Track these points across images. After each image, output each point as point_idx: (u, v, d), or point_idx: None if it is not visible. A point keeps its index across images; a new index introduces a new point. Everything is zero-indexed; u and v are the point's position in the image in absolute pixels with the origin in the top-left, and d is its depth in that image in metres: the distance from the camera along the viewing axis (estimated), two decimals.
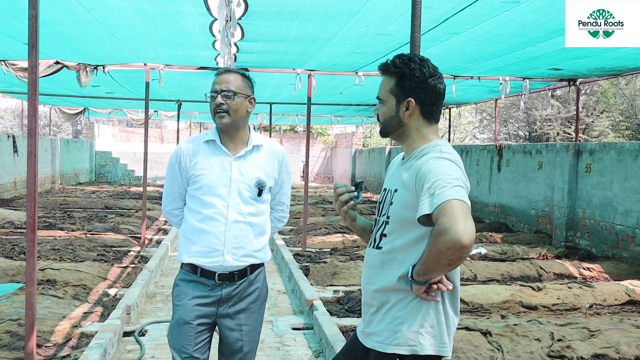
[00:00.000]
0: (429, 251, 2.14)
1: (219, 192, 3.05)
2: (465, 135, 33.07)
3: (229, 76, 3.09)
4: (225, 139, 3.13)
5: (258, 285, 3.18)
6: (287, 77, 10.66)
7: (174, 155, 3.17)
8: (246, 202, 3.09)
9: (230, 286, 3.08)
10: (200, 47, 7.75)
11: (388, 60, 2.41)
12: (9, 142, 17.03)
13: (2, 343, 5.08)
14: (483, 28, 6.51)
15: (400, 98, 2.37)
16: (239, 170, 3.09)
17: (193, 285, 3.08)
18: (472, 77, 10.41)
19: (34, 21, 4.10)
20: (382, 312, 2.42)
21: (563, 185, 10.65)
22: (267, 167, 3.16)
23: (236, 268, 3.08)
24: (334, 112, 20.20)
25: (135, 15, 6.13)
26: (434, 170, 2.21)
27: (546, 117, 24.63)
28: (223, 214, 3.04)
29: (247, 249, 3.10)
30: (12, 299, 6.17)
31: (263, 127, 23.89)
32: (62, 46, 7.96)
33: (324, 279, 7.82)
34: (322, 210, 15.50)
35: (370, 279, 2.48)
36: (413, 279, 2.27)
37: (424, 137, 2.41)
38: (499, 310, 6.40)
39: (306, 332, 6.11)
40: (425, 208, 2.14)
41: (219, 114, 3.04)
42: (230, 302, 3.09)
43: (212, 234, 3.04)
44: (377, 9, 5.78)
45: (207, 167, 3.07)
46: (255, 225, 3.12)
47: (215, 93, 3.06)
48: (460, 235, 2.01)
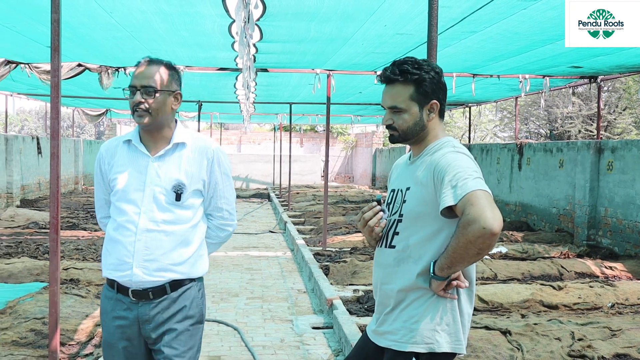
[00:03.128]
0: (456, 242, 2.17)
1: (132, 198, 2.72)
2: (485, 133, 32.86)
3: (150, 69, 2.70)
4: (145, 138, 2.78)
5: (185, 303, 2.76)
6: (306, 77, 10.69)
7: (96, 158, 2.89)
8: (162, 209, 2.72)
9: (147, 305, 2.71)
10: (219, 48, 7.82)
11: (394, 70, 2.38)
12: (33, 144, 17.28)
13: (27, 341, 5.18)
14: (501, 26, 6.49)
15: (423, 102, 2.39)
16: (156, 172, 2.73)
17: (112, 303, 2.76)
18: (492, 75, 10.36)
19: (56, 25, 4.17)
20: (397, 310, 2.42)
21: (584, 183, 10.55)
22: (190, 168, 2.77)
23: (150, 284, 2.70)
24: (353, 112, 20.19)
25: (155, 17, 6.21)
26: (453, 164, 2.25)
27: (567, 115, 24.38)
28: (134, 222, 2.70)
29: (162, 261, 2.71)
30: (37, 297, 6.28)
31: (283, 127, 23.94)
32: (84, 49, 8.07)
33: (343, 278, 7.84)
34: (342, 210, 15.53)
35: (385, 278, 2.48)
36: (435, 275, 2.30)
37: (437, 135, 2.47)
38: (519, 310, 6.37)
39: (326, 331, 6.14)
40: (449, 199, 2.18)
41: (138, 112, 2.68)
42: (151, 324, 2.72)
43: (122, 244, 2.70)
44: (394, 8, 5.79)
45: (123, 170, 2.76)
46: (172, 235, 2.73)
47: (133, 88, 2.69)
48: (491, 223, 2.06)
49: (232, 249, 10.96)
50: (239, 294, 7.65)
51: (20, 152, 16.10)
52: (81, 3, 5.56)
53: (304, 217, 14.61)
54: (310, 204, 17.44)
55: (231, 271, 9.03)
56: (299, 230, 12.26)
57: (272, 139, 29.05)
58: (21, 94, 15.20)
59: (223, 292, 7.71)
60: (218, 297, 7.45)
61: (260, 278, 8.61)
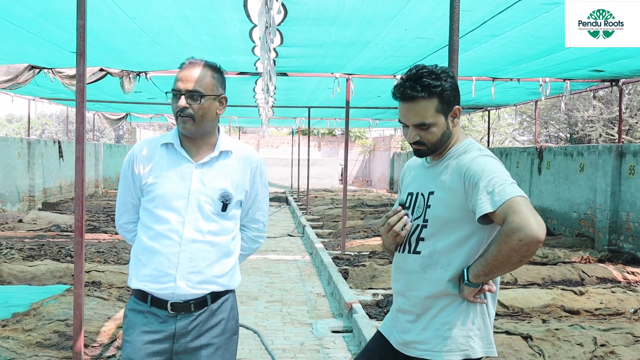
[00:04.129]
0: (498, 250, 2.12)
1: (174, 206, 2.57)
2: (504, 137, 32.69)
3: (195, 72, 2.58)
4: (187, 143, 2.65)
5: (223, 316, 2.66)
6: (325, 81, 10.72)
7: (126, 160, 2.70)
8: (207, 218, 2.60)
9: (186, 318, 2.58)
10: (239, 52, 7.87)
11: (414, 86, 2.28)
12: (54, 148, 17.49)
13: (51, 342, 5.25)
14: (522, 30, 6.47)
15: (447, 111, 2.34)
16: (201, 179, 2.60)
17: (143, 316, 2.59)
18: (512, 79, 10.31)
19: (82, 31, 4.24)
20: (425, 319, 2.37)
21: (606, 187, 10.46)
22: (235, 177, 2.67)
23: (192, 296, 2.58)
24: (372, 115, 20.20)
25: (177, 22, 6.27)
26: (486, 168, 2.22)
27: (588, 119, 24.18)
28: (177, 231, 2.56)
29: (206, 274, 2.60)
30: (60, 300, 6.36)
31: (301, 131, 23.99)
32: (106, 54, 8.17)
33: (362, 282, 7.85)
34: (361, 214, 15.52)
35: (410, 285, 2.42)
36: (469, 282, 2.27)
37: (458, 137, 2.43)
38: (540, 315, 6.33)
39: (345, 335, 6.14)
40: (487, 206, 2.15)
41: (182, 118, 2.55)
42: (187, 337, 2.59)
43: (163, 254, 2.55)
44: (414, 12, 5.80)
45: (163, 174, 2.60)
46: (217, 246, 2.63)
47: (177, 92, 2.56)
48: (536, 231, 2.03)
49: None
50: (258, 297, 7.68)
51: (42, 155, 16.30)
52: (105, 10, 5.63)
53: (322, 221, 14.63)
54: (329, 208, 17.45)
55: (250, 274, 9.07)
56: (317, 234, 12.28)
57: (290, 142, 29.13)
58: (43, 98, 15.40)
59: (242, 295, 7.74)
60: (238, 300, 7.46)
61: (280, 281, 8.64)
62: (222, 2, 5.43)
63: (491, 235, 2.31)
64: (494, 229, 2.30)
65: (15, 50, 8.21)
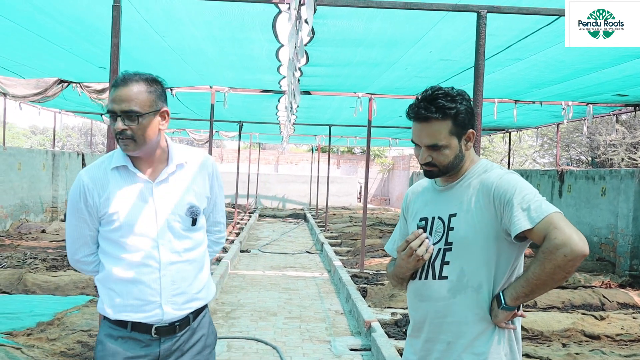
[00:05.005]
0: (541, 268, 2.08)
1: (142, 231, 2.43)
2: (524, 159, 32.52)
3: (129, 89, 2.36)
4: (138, 162, 2.48)
5: (203, 332, 2.61)
6: (347, 100, 10.81)
7: (74, 191, 2.47)
8: (179, 237, 2.49)
9: (170, 340, 2.49)
10: (265, 71, 7.99)
11: (429, 107, 2.26)
12: (78, 160, 17.74)
13: (74, 352, 5.34)
14: (547, 54, 6.50)
15: (461, 134, 2.31)
16: (164, 198, 2.47)
17: (122, 342, 2.45)
18: (534, 102, 10.31)
19: (115, 49, 4.36)
20: (458, 348, 2.28)
21: (628, 212, 10.40)
22: (196, 188, 2.56)
23: (177, 318, 2.50)
24: (392, 135, 20.24)
25: (207, 42, 6.40)
26: (518, 186, 2.20)
27: (610, 143, 24.01)
28: (154, 257, 2.43)
29: (189, 293, 2.51)
30: (83, 310, 6.47)
31: (321, 148, 24.09)
32: (133, 69, 8.31)
33: (381, 300, 7.86)
34: (379, 232, 15.53)
35: (438, 312, 2.32)
36: (506, 305, 2.20)
37: (472, 158, 2.39)
38: (560, 339, 6.31)
39: (364, 354, 6.17)
40: (525, 223, 2.11)
41: (123, 141, 2.37)
42: (170, 358, 2.50)
43: (144, 283, 2.42)
44: (440, 35, 5.87)
45: (123, 201, 2.43)
46: (194, 262, 2.54)
47: (113, 114, 2.36)
48: (581, 246, 2.02)
49: (269, 269, 11.07)
50: (277, 313, 7.73)
51: (66, 167, 16.55)
52: (137, 28, 5.77)
53: (341, 239, 14.66)
54: (347, 226, 17.47)
55: (269, 290, 9.12)
56: (335, 252, 12.30)
57: (309, 159, 29.23)
58: (69, 111, 15.66)
59: (262, 311, 7.80)
60: (257, 315, 7.54)
61: (298, 298, 8.68)
62: (251, 23, 5.55)
63: (520, 255, 2.29)
64: (522, 248, 2.29)
65: (45, 65, 8.40)
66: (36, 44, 6.83)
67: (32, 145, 40.02)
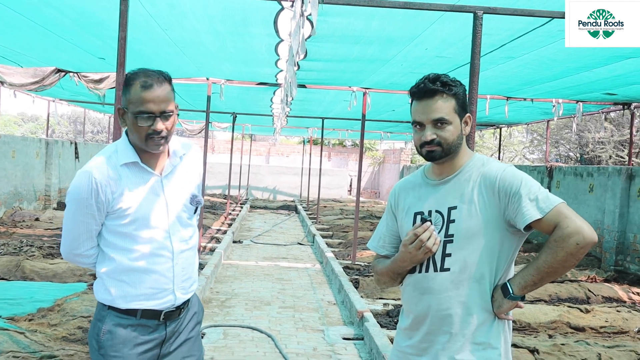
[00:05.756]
0: (553, 256, 2.15)
1: (155, 223, 2.53)
2: (514, 154, 32.81)
3: (163, 89, 2.44)
4: (145, 157, 2.55)
5: (195, 309, 2.76)
6: (341, 94, 10.94)
7: (83, 188, 2.46)
8: (185, 225, 2.64)
9: (174, 322, 2.63)
10: (263, 64, 8.11)
11: (435, 82, 2.30)
12: (71, 149, 17.76)
13: (75, 337, 5.46)
14: (540, 53, 6.67)
15: (462, 115, 2.35)
16: (172, 190, 2.59)
17: (132, 330, 2.53)
18: (525, 99, 10.50)
19: (122, 42, 4.48)
20: (460, 338, 2.31)
21: (614, 208, 10.62)
22: (193, 177, 2.70)
23: (182, 301, 2.64)
24: (384, 128, 20.39)
25: (208, 35, 6.52)
26: (523, 178, 2.26)
27: (599, 140, 24.31)
28: (167, 248, 2.55)
29: (193, 277, 2.70)
30: (82, 297, 6.58)
31: (313, 141, 24.22)
32: (131, 60, 8.38)
33: (373, 291, 8.03)
34: (370, 225, 15.69)
35: (441, 304, 2.33)
36: (513, 295, 2.24)
37: (466, 151, 2.42)
38: (546, 330, 6.50)
39: (356, 343, 6.32)
40: (534, 213, 2.18)
41: (156, 140, 2.45)
42: (171, 339, 2.64)
43: (158, 272, 2.53)
44: (437, 34, 6.01)
45: (136, 196, 2.50)
46: (194, 248, 2.71)
47: (151, 115, 2.42)
48: (591, 234, 2.11)
49: (262, 259, 11.22)
50: (271, 302, 7.88)
51: (59, 156, 16.57)
52: (140, 20, 5.87)
53: (332, 231, 14.81)
54: (338, 218, 17.62)
55: (262, 280, 9.27)
56: (327, 244, 12.46)
57: (301, 151, 29.31)
58: (63, 100, 15.68)
59: (256, 300, 7.94)
60: (251, 305, 7.69)
61: (291, 288, 8.83)
62: (253, 18, 5.67)
63: (518, 246, 2.34)
64: (522, 239, 2.34)
65: (44, 54, 8.47)
66: (38, 35, 6.92)
67: (24, 133, 39.86)
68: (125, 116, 2.48)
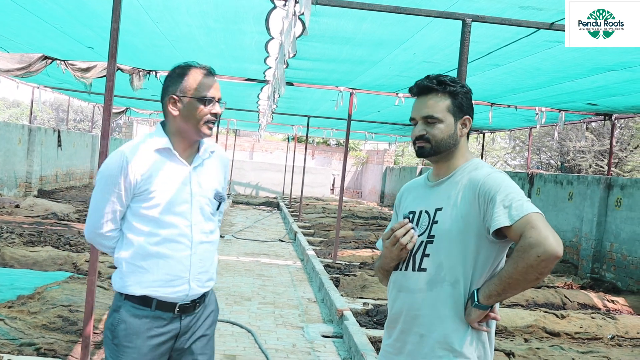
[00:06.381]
0: (514, 267, 2.09)
1: (180, 210, 2.59)
2: (496, 160, 33.09)
3: (215, 79, 2.65)
4: (178, 145, 2.64)
5: (212, 308, 2.79)
6: (328, 93, 10.99)
7: (115, 166, 2.55)
8: (207, 219, 2.69)
9: (189, 316, 2.66)
10: (252, 61, 8.15)
11: (432, 80, 2.35)
12: (54, 136, 17.66)
13: (55, 326, 5.47)
14: (525, 62, 6.78)
15: (458, 116, 2.35)
16: (198, 182, 2.66)
17: (147, 321, 2.57)
18: (509, 105, 10.64)
19: (115, 33, 4.47)
20: (429, 341, 2.29)
21: (592, 217, 10.80)
22: (219, 176, 2.77)
23: (198, 295, 2.67)
24: (368, 129, 20.49)
25: (199, 30, 6.55)
26: (503, 184, 2.21)
27: (579, 149, 24.62)
28: (187, 236, 2.60)
29: (210, 272, 2.72)
30: (63, 286, 6.57)
31: (298, 139, 24.26)
32: (122, 52, 8.41)
33: (353, 291, 8.10)
34: (352, 225, 15.77)
35: (415, 304, 2.33)
36: (479, 304, 2.20)
37: (465, 154, 2.41)
38: (522, 334, 6.61)
39: (335, 340, 6.38)
40: (504, 220, 2.13)
41: (210, 124, 2.62)
42: (187, 334, 2.66)
43: (175, 259, 2.58)
44: (425, 39, 6.09)
45: (165, 181, 2.58)
46: (214, 243, 2.75)
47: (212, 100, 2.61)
48: (555, 247, 2.02)
49: (243, 255, 11.25)
50: (251, 298, 7.91)
51: (41, 143, 16.47)
52: (132, 12, 5.88)
53: (314, 229, 14.87)
54: (320, 217, 17.68)
55: (243, 276, 9.30)
56: (308, 242, 12.50)
57: (285, 148, 29.33)
58: (47, 87, 15.57)
59: (236, 295, 7.98)
60: (232, 299, 7.72)
61: (272, 285, 8.87)
62: (245, 15, 5.71)
63: (499, 255, 2.29)
64: (502, 248, 2.29)
65: (32, 41, 8.44)
66: (26, 20, 6.90)
67: (6, 119, 39.43)
68: (180, 103, 2.58)
